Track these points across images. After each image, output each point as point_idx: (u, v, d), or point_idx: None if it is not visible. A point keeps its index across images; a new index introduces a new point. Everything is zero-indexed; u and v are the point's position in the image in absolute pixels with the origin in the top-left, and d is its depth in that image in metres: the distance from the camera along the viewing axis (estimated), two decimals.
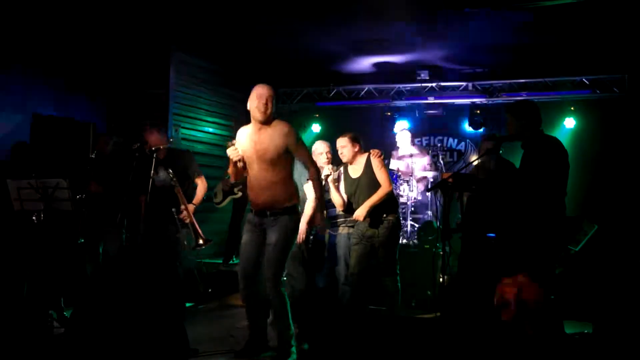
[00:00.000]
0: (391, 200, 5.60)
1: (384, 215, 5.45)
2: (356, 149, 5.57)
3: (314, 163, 4.75)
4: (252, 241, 4.66)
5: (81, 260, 6.16)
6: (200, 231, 5.67)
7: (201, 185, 5.99)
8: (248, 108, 4.55)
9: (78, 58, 7.64)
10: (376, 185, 5.43)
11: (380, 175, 5.43)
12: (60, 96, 7.52)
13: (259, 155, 4.52)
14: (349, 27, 7.41)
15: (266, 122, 4.50)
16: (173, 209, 5.67)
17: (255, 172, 4.58)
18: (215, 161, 8.69)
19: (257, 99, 4.47)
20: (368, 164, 5.49)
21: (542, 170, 4.46)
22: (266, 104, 4.45)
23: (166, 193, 5.68)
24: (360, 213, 5.39)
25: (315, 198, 4.85)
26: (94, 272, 6.13)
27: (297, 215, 4.74)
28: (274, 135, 4.49)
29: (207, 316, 6.53)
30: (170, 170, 5.61)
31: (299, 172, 5.03)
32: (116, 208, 5.89)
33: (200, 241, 5.61)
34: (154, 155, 5.46)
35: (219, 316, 6.48)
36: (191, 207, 5.78)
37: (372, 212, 5.43)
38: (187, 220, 5.68)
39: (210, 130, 9.06)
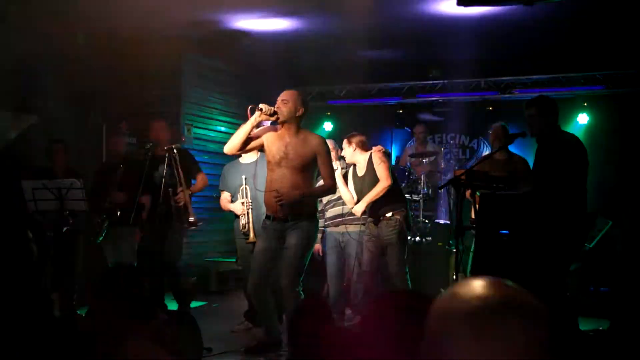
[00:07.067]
0: (398, 198, 5.58)
1: (391, 214, 5.45)
2: (353, 149, 5.60)
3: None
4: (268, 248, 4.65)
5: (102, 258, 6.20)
6: (191, 210, 5.63)
7: (201, 179, 6.02)
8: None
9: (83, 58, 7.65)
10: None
11: (380, 170, 5.43)
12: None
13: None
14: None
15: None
16: (170, 189, 5.57)
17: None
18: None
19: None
20: (370, 161, 5.52)
21: (562, 166, 4.45)
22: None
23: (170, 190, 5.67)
24: (358, 208, 5.44)
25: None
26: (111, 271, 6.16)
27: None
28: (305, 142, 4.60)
29: (221, 314, 6.55)
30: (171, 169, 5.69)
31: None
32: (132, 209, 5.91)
33: (191, 219, 5.60)
34: (174, 153, 5.46)
35: (234, 314, 6.49)
36: (187, 191, 5.71)
37: (379, 210, 5.44)
38: (181, 202, 5.62)
39: (223, 129, 9.07)
